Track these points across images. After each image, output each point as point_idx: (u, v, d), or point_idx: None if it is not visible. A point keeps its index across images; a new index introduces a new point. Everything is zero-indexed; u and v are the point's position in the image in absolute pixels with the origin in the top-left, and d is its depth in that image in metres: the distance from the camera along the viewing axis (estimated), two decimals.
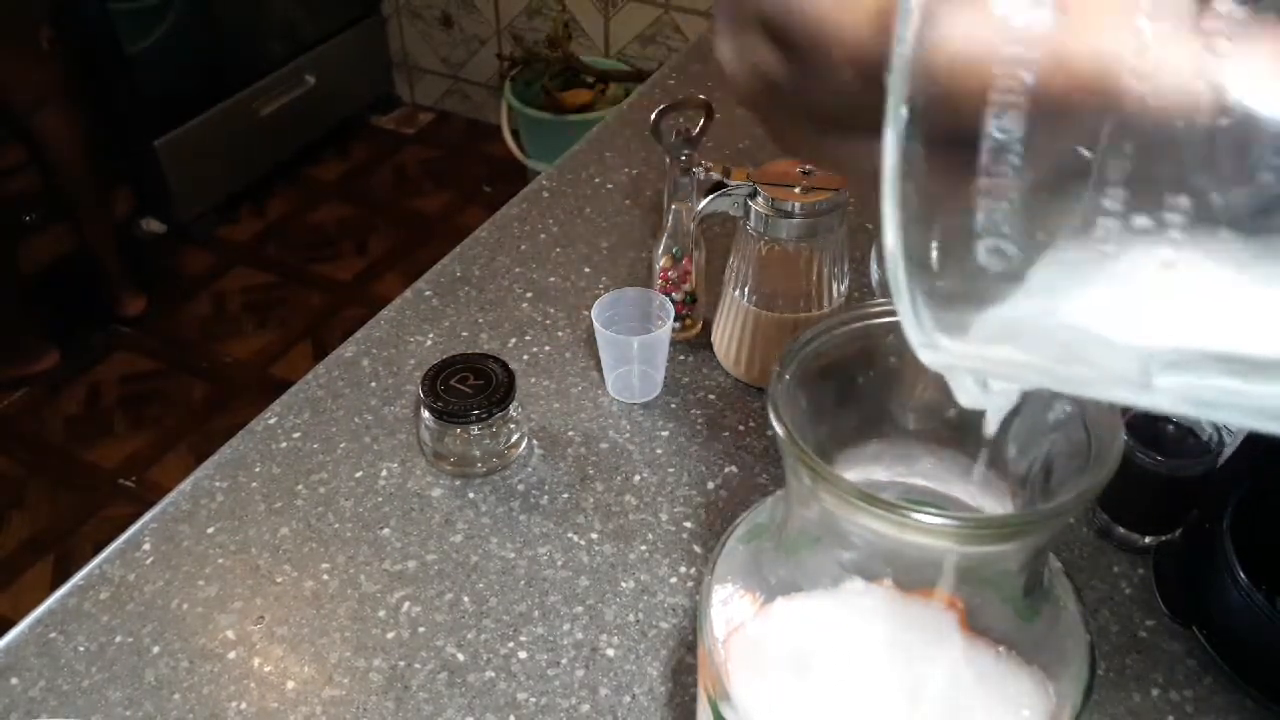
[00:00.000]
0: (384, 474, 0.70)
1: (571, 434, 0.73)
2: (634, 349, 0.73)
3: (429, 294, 0.85)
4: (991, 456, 0.36)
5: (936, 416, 0.37)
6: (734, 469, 0.70)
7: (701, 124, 0.73)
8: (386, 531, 0.67)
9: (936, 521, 0.29)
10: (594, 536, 0.66)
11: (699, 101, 0.73)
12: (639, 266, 0.88)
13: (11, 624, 0.61)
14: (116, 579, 0.64)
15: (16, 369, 2.01)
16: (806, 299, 0.72)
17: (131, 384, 2.03)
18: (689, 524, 0.67)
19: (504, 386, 0.68)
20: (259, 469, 0.71)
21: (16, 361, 2.01)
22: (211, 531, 0.67)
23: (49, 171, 1.99)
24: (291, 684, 0.58)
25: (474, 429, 0.68)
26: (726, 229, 0.76)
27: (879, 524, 0.31)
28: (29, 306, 2.05)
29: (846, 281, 0.74)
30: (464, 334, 0.81)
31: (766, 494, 0.41)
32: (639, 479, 0.70)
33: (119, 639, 0.61)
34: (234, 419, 1.81)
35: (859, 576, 0.35)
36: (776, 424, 0.32)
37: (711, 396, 0.76)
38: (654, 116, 0.71)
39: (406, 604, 0.62)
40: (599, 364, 0.76)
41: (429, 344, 0.81)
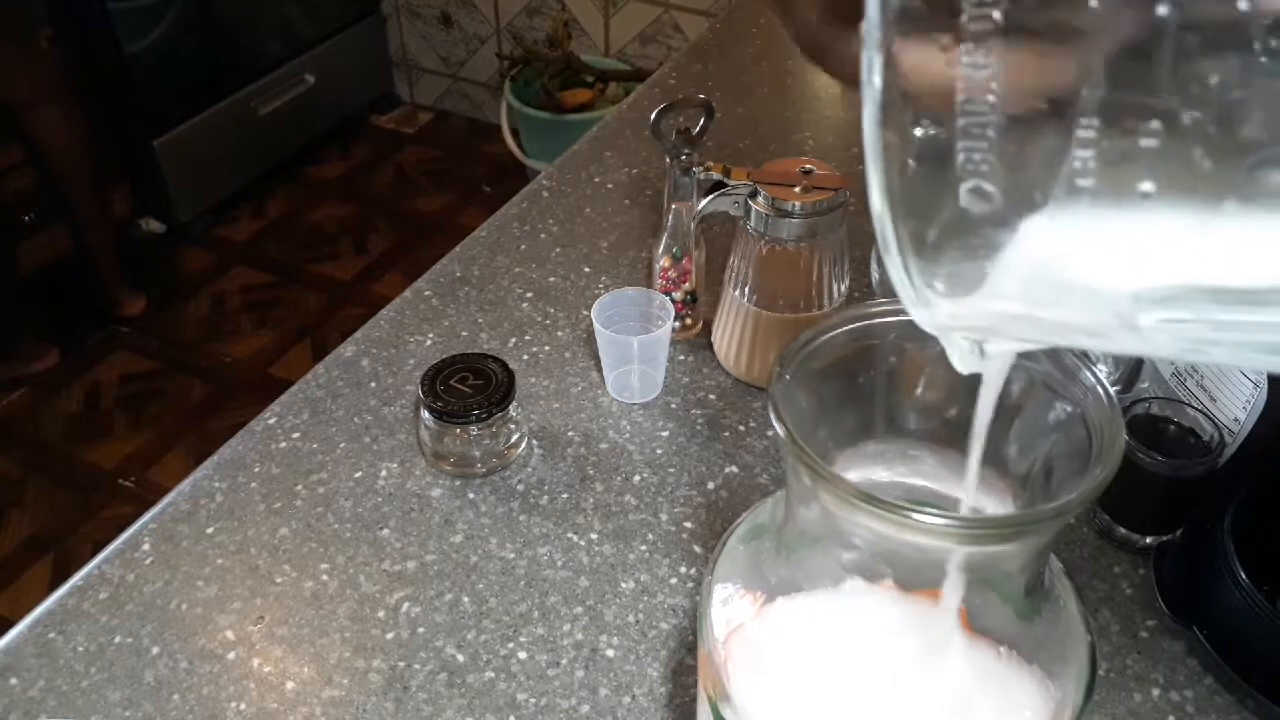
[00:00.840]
0: (383, 474, 0.70)
1: (571, 434, 0.73)
2: (634, 349, 0.73)
3: (429, 294, 0.85)
4: (992, 454, 0.36)
5: (937, 416, 0.37)
6: (734, 469, 0.70)
7: (701, 124, 0.73)
8: (386, 532, 0.67)
9: (936, 521, 0.29)
10: (594, 537, 0.66)
11: (699, 101, 0.73)
12: (639, 266, 0.87)
13: (11, 624, 0.61)
14: (116, 579, 0.64)
15: (15, 369, 2.01)
16: (806, 299, 0.72)
17: (131, 384, 2.03)
18: (689, 524, 0.67)
19: (504, 386, 0.68)
20: (258, 469, 0.70)
21: (15, 361, 2.01)
22: (211, 532, 0.67)
23: (48, 171, 1.99)
24: (291, 684, 0.58)
25: (474, 429, 0.68)
26: (726, 229, 0.76)
27: (879, 524, 0.31)
28: (28, 306, 2.05)
29: (846, 281, 0.73)
30: (464, 334, 0.81)
31: (766, 494, 0.41)
32: (639, 479, 0.70)
33: (118, 639, 0.61)
34: (233, 419, 1.82)
35: (859, 576, 0.35)
36: (776, 424, 0.32)
37: (711, 396, 0.76)
38: (654, 116, 0.71)
39: (406, 604, 0.62)
40: (599, 364, 0.76)
41: (429, 344, 0.80)
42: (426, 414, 0.68)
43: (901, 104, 0.21)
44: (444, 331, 0.82)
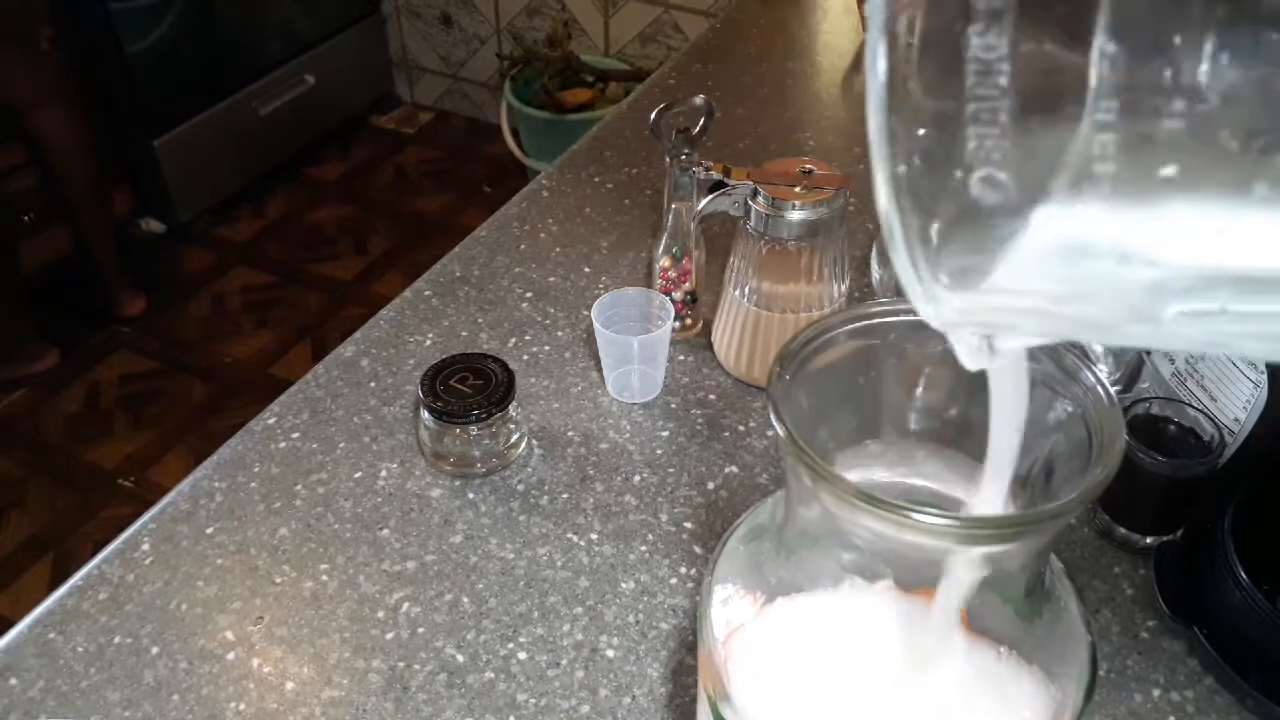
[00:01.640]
0: (383, 474, 0.70)
1: (571, 434, 0.73)
2: (634, 349, 0.73)
3: (429, 294, 0.85)
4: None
5: (937, 416, 0.37)
6: (734, 469, 0.70)
7: (701, 123, 0.72)
8: (386, 532, 0.66)
9: (936, 521, 0.29)
10: (594, 537, 0.66)
11: (699, 101, 0.73)
12: (639, 266, 0.87)
13: (11, 624, 0.61)
14: (116, 579, 0.64)
15: (16, 369, 2.01)
16: (807, 299, 0.72)
17: (131, 384, 2.03)
18: (689, 524, 0.67)
19: (504, 386, 0.68)
20: (258, 469, 0.70)
21: (16, 361, 2.01)
22: (211, 532, 0.67)
23: (48, 171, 1.99)
24: (290, 685, 0.58)
25: (473, 429, 0.68)
26: (726, 229, 0.76)
27: (879, 524, 0.31)
28: (28, 306, 2.04)
29: (846, 281, 0.73)
30: (464, 334, 0.81)
31: (766, 494, 0.41)
32: (639, 479, 0.70)
33: (118, 639, 0.60)
34: (233, 419, 1.81)
35: (859, 576, 0.35)
36: (776, 424, 0.32)
37: (711, 396, 0.76)
38: (654, 116, 0.70)
39: (406, 605, 0.62)
40: (599, 364, 0.76)
41: (428, 344, 0.80)
42: (426, 414, 0.68)
43: (907, 90, 0.20)
44: (444, 331, 0.82)
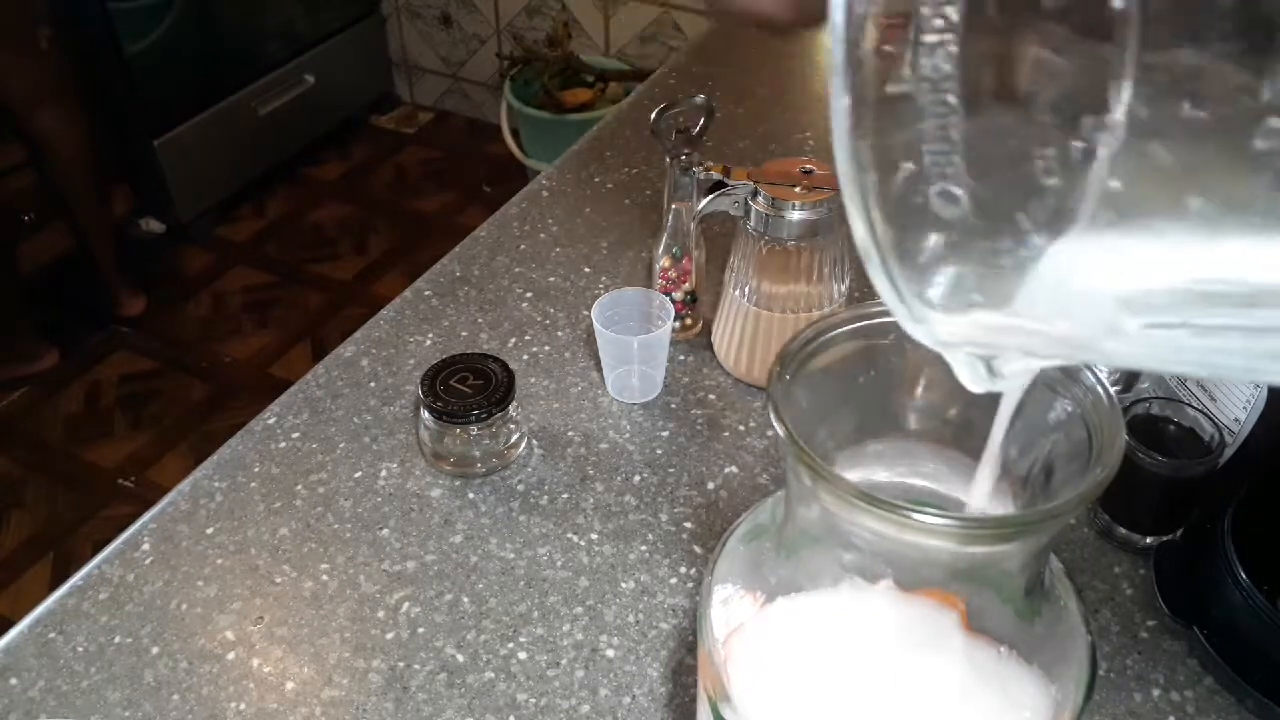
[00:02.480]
0: (383, 474, 0.70)
1: (571, 434, 0.73)
2: (634, 349, 0.73)
3: (429, 294, 0.85)
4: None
5: (937, 416, 0.37)
6: (734, 469, 0.70)
7: (701, 123, 0.72)
8: (386, 532, 0.66)
9: (936, 521, 0.29)
10: (594, 537, 0.66)
11: (699, 101, 0.73)
12: (639, 266, 0.87)
13: (11, 624, 0.61)
14: (116, 579, 0.64)
15: (16, 369, 2.01)
16: (806, 299, 0.72)
17: (131, 384, 2.03)
18: (689, 524, 0.67)
19: (504, 386, 0.68)
20: (258, 469, 0.70)
21: (16, 361, 2.01)
22: (211, 532, 0.67)
23: (48, 171, 1.99)
24: (291, 685, 0.58)
25: (474, 429, 0.68)
26: (726, 229, 0.76)
27: (879, 524, 0.31)
28: (28, 306, 2.04)
29: (846, 281, 0.73)
30: (464, 334, 0.81)
31: (766, 494, 0.41)
32: (639, 479, 0.70)
33: (118, 639, 0.60)
34: (233, 419, 1.82)
35: (859, 576, 0.35)
36: (776, 424, 0.32)
37: (711, 396, 0.76)
38: (654, 116, 0.70)
39: (406, 604, 0.62)
40: (599, 364, 0.76)
41: (428, 344, 0.80)
42: (426, 414, 0.68)
43: (867, 112, 0.21)
44: (444, 331, 0.82)
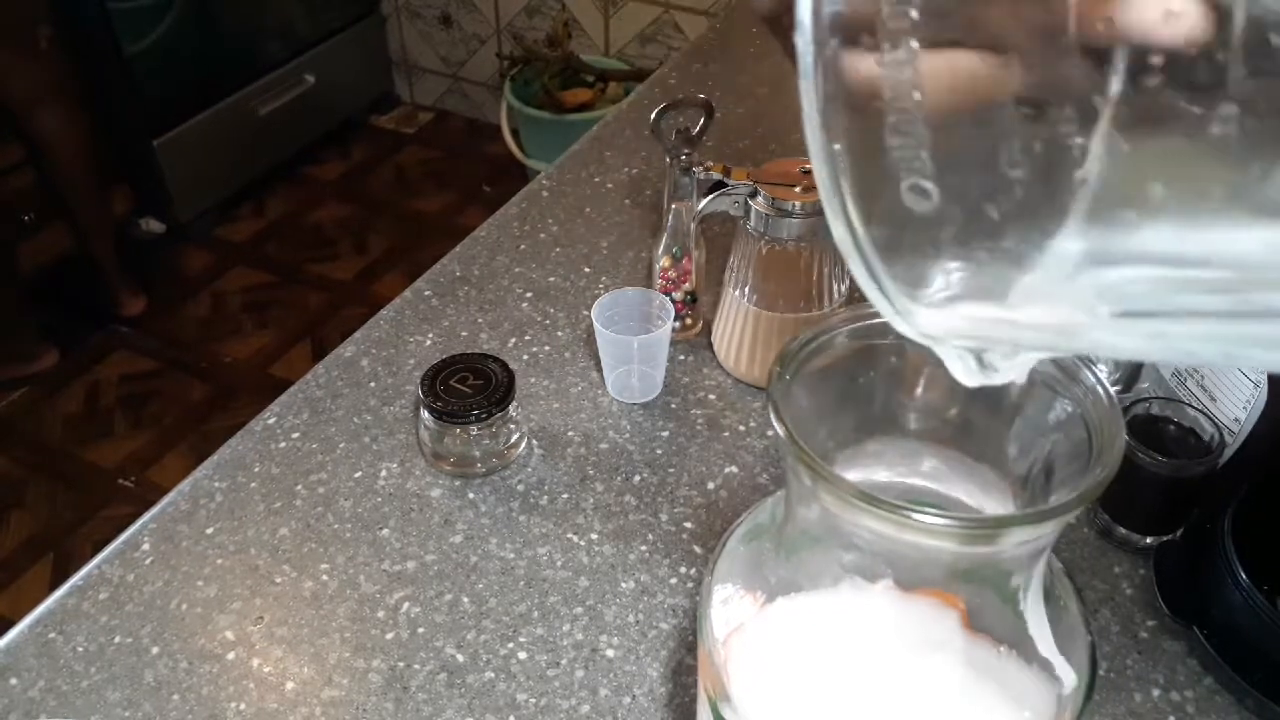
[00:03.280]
0: (383, 474, 0.70)
1: (571, 434, 0.73)
2: (634, 349, 0.73)
3: (428, 294, 0.85)
4: (992, 454, 0.36)
5: (937, 416, 0.37)
6: (734, 469, 0.70)
7: (701, 123, 0.72)
8: (386, 532, 0.66)
9: (936, 521, 0.29)
10: (594, 537, 0.66)
11: (699, 101, 0.73)
12: (639, 266, 0.87)
13: (11, 624, 0.61)
14: (115, 579, 0.64)
15: (16, 369, 2.01)
16: (806, 299, 0.72)
17: (131, 384, 2.03)
18: (689, 524, 0.67)
19: (504, 386, 0.68)
20: (258, 469, 0.70)
21: (16, 361, 2.01)
22: (210, 532, 0.67)
23: (48, 171, 1.98)
24: (291, 685, 0.58)
25: (474, 429, 0.68)
26: (726, 229, 0.76)
27: (879, 524, 0.31)
28: (28, 306, 2.04)
29: (847, 281, 0.73)
30: (464, 334, 0.81)
31: (766, 494, 0.41)
32: (639, 479, 0.70)
33: (118, 639, 0.60)
34: (233, 419, 1.82)
35: (859, 576, 0.35)
36: (776, 424, 0.32)
37: (711, 396, 0.76)
38: (654, 116, 0.70)
39: (406, 604, 0.62)
40: (599, 364, 0.76)
41: (428, 344, 0.80)
42: (426, 414, 0.68)
43: (838, 110, 0.21)
44: (444, 331, 0.82)
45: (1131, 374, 0.67)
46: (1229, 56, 0.17)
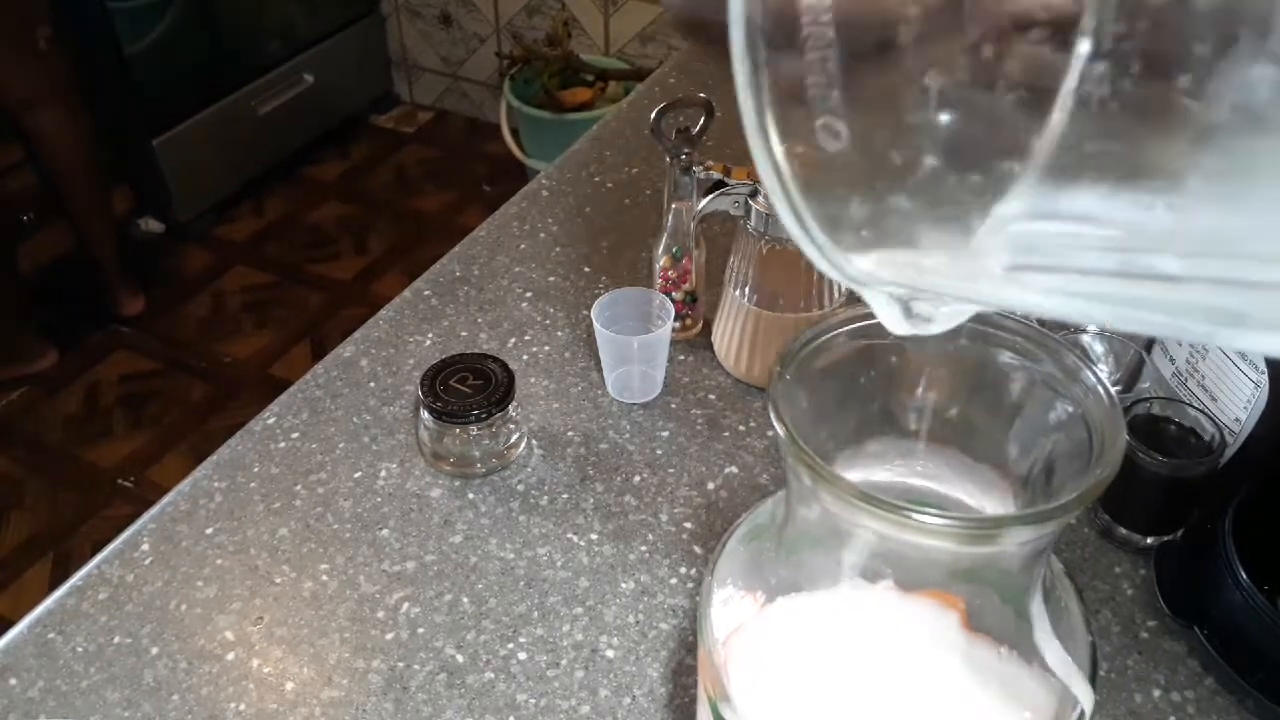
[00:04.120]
0: (383, 474, 0.70)
1: (571, 434, 0.73)
2: (634, 349, 0.72)
3: (428, 294, 0.85)
4: (992, 454, 0.36)
5: (937, 416, 0.37)
6: (734, 469, 0.70)
7: (701, 123, 0.72)
8: (385, 532, 0.66)
9: (937, 522, 0.29)
10: (594, 537, 0.66)
11: (699, 100, 0.73)
12: (639, 266, 0.87)
13: (10, 624, 0.61)
14: (115, 579, 0.64)
15: (15, 369, 2.01)
16: (807, 299, 0.72)
17: (130, 384, 2.03)
18: (689, 524, 0.67)
19: (503, 386, 0.68)
20: (258, 469, 0.70)
21: (15, 361, 2.01)
22: (210, 532, 0.67)
23: (47, 171, 1.98)
24: (290, 685, 0.58)
25: (473, 429, 0.68)
26: (726, 229, 0.76)
27: (879, 524, 0.31)
28: (28, 306, 2.04)
29: None
30: (463, 334, 0.81)
31: (766, 494, 0.41)
32: (639, 479, 0.70)
33: (118, 640, 0.60)
34: (233, 419, 1.81)
35: (859, 576, 0.35)
36: (777, 424, 0.32)
37: (711, 396, 0.76)
38: (654, 115, 0.70)
39: (405, 605, 0.62)
40: (599, 364, 0.76)
41: (428, 344, 0.80)
42: (426, 414, 0.68)
43: (761, 43, 0.21)
44: (444, 331, 0.81)
45: (1132, 374, 0.67)
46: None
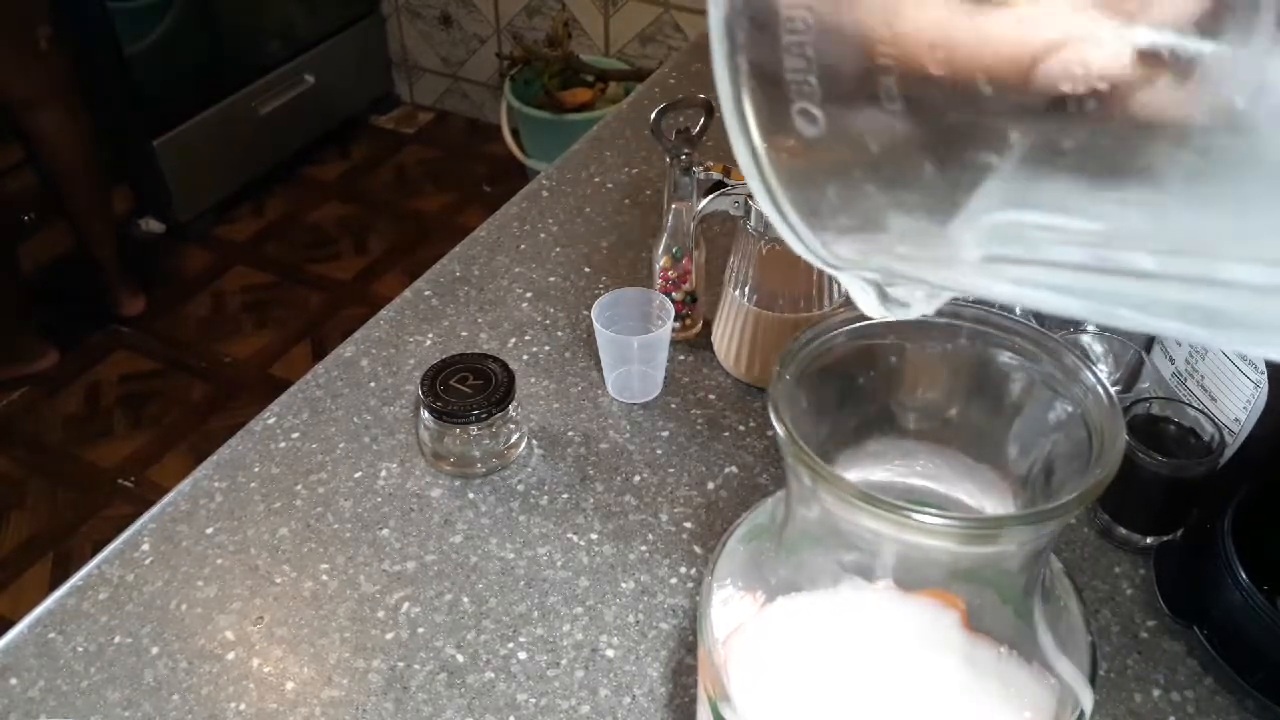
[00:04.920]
0: (383, 474, 0.70)
1: (571, 434, 0.73)
2: (634, 349, 0.72)
3: (428, 294, 0.85)
4: (992, 454, 0.36)
5: (937, 416, 0.37)
6: (734, 469, 0.70)
7: (701, 123, 0.72)
8: (386, 532, 0.66)
9: (936, 521, 0.29)
10: (594, 537, 0.66)
11: (699, 100, 0.73)
12: (639, 266, 0.87)
13: (11, 624, 0.61)
14: (115, 579, 0.64)
15: (16, 369, 2.01)
16: (806, 299, 0.72)
17: (131, 384, 2.03)
18: (689, 524, 0.67)
19: (504, 386, 0.68)
20: (258, 469, 0.70)
21: (16, 361, 2.01)
22: (210, 532, 0.67)
23: (47, 171, 1.98)
24: (291, 685, 0.58)
25: (474, 429, 0.68)
26: (726, 229, 0.76)
27: (879, 524, 0.31)
28: (28, 306, 2.04)
29: None
30: (463, 334, 0.81)
31: (766, 494, 0.41)
32: (639, 479, 0.70)
33: (118, 639, 0.60)
34: (233, 419, 1.81)
35: (859, 576, 0.35)
36: (777, 424, 0.32)
37: (711, 396, 0.76)
38: (654, 116, 0.70)
39: (406, 605, 0.62)
40: (599, 364, 0.76)
41: (428, 344, 0.80)
42: (426, 414, 0.68)
43: (741, 25, 0.21)
44: (444, 331, 0.81)
45: (1132, 374, 0.67)
46: None
